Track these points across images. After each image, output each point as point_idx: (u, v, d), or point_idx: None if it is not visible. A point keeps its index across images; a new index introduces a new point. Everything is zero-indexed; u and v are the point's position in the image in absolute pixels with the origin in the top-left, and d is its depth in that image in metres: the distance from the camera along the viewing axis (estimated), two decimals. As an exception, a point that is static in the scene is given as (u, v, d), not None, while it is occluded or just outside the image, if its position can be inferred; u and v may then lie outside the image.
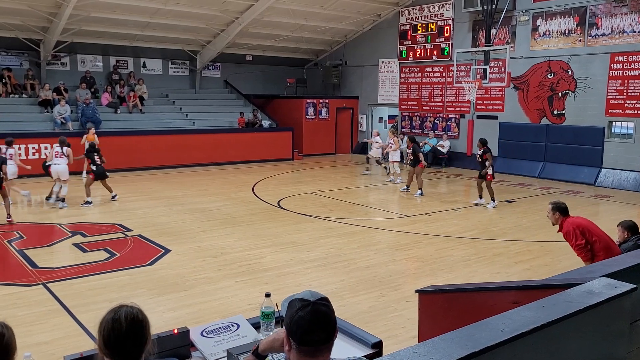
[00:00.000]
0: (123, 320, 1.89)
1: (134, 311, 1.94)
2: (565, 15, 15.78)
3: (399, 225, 10.38)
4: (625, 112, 14.73)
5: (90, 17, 16.94)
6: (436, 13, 19.19)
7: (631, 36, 14.43)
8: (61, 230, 9.50)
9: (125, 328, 1.88)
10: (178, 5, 17.23)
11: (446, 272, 7.50)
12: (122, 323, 1.89)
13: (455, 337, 1.87)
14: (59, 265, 7.59)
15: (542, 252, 8.61)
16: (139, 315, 1.94)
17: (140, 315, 1.95)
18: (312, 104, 21.82)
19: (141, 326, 1.93)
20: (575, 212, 11.49)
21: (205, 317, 5.66)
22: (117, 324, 1.89)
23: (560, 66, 16.00)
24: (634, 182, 14.34)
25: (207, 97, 21.61)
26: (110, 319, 1.90)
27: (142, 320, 1.94)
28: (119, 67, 20.03)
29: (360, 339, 2.64)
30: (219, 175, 16.27)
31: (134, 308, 1.96)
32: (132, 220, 10.18)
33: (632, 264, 3.13)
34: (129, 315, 1.91)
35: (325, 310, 1.77)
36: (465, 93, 17.11)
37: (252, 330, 2.72)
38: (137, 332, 1.91)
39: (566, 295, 2.36)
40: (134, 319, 1.91)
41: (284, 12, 18.78)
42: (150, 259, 7.91)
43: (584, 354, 2.28)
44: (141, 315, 1.95)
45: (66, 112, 16.90)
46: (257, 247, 8.61)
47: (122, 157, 16.58)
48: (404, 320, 5.73)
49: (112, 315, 1.91)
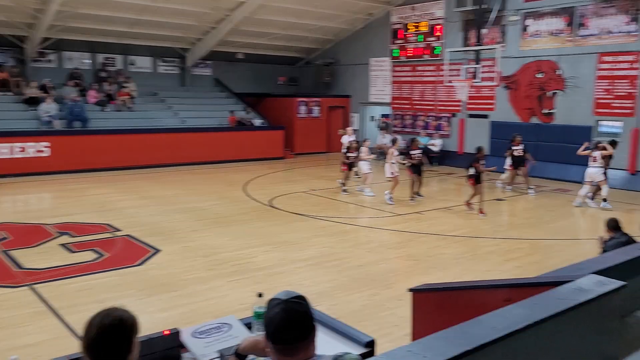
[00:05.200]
0: (98, 325, 1.82)
1: (114, 316, 1.85)
2: (554, 15, 15.88)
3: (391, 224, 10.39)
4: (612, 112, 14.86)
5: (77, 14, 16.75)
6: (427, 12, 19.23)
7: (618, 36, 14.55)
8: (48, 231, 9.40)
9: (101, 333, 1.81)
10: (167, 2, 17.12)
11: (438, 271, 7.52)
12: (101, 327, 1.82)
13: (448, 335, 1.87)
14: (45, 266, 7.49)
15: (532, 250, 8.66)
16: (118, 320, 1.85)
17: (120, 320, 1.85)
18: (303, 102, 21.80)
19: (120, 332, 1.84)
20: (565, 210, 11.63)
21: (197, 318, 5.62)
22: (92, 329, 1.83)
23: (549, 66, 16.10)
24: (621, 181, 14.46)
25: (197, 95, 21.49)
26: (89, 323, 1.84)
27: (121, 325, 1.85)
28: (107, 64, 19.85)
29: (353, 338, 2.64)
30: (209, 174, 16.20)
31: (115, 313, 1.87)
32: (121, 220, 10.10)
33: (621, 261, 3.16)
34: (107, 321, 1.83)
35: (298, 309, 1.78)
36: (456, 92, 17.16)
37: (245, 331, 2.71)
38: (115, 337, 1.83)
39: (557, 292, 2.37)
40: (112, 324, 1.83)
41: (275, 10, 18.74)
42: (140, 259, 7.85)
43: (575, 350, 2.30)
44: (122, 321, 1.86)
45: (53, 110, 16.69)
46: (248, 246, 8.57)
47: (111, 156, 16.46)
48: (396, 318, 5.73)
49: (92, 319, 1.85)
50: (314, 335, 1.82)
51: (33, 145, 15.53)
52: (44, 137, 15.84)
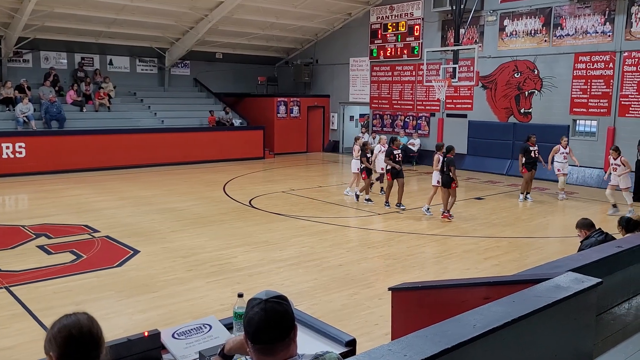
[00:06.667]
0: (68, 336, 1.81)
1: (81, 326, 1.83)
2: (531, 15, 16.10)
3: (370, 223, 10.43)
4: (588, 111, 15.11)
5: (53, 13, 16.51)
6: (406, 12, 19.34)
7: (594, 37, 14.81)
8: (24, 232, 9.24)
9: (73, 344, 1.80)
10: (146, 2, 16.94)
11: (418, 269, 7.57)
12: (71, 338, 1.80)
13: (428, 334, 1.88)
14: (22, 268, 7.37)
15: (510, 248, 8.77)
16: (87, 331, 1.83)
17: (77, 327, 1.83)
18: (283, 102, 21.76)
19: (92, 342, 1.83)
20: (543, 208, 11.80)
21: (177, 319, 5.58)
22: (62, 340, 1.81)
23: (526, 66, 16.32)
24: (597, 179, 14.72)
25: (176, 95, 21.32)
26: (56, 334, 1.82)
27: (91, 336, 1.83)
28: (84, 64, 19.59)
29: (333, 338, 2.64)
30: (189, 175, 16.08)
31: (72, 319, 1.84)
32: (99, 221, 9.98)
33: (597, 259, 3.21)
34: (64, 328, 1.82)
35: (278, 308, 1.77)
36: (435, 92, 17.29)
37: (225, 331, 2.69)
38: (87, 347, 1.82)
39: (535, 290, 2.40)
40: (70, 333, 1.81)
41: (254, 10, 18.67)
42: (118, 261, 7.77)
43: (552, 347, 2.33)
44: (91, 331, 1.84)
45: (29, 110, 16.43)
46: (228, 246, 8.54)
47: (89, 156, 16.27)
48: (376, 317, 5.75)
49: (59, 330, 1.83)
50: (295, 335, 1.81)
51: (9, 145, 15.26)
52: (20, 137, 15.60)
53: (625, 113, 14.35)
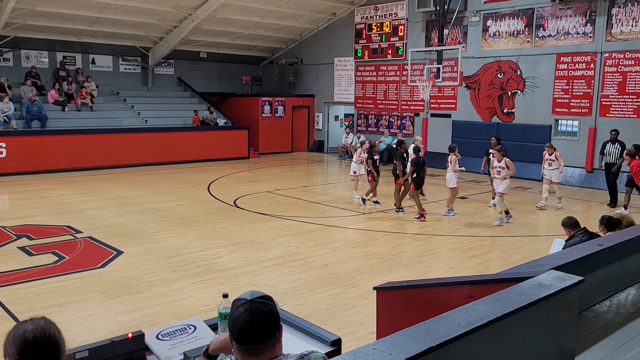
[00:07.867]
0: (31, 342, 1.78)
1: (28, 328, 1.80)
2: (513, 16, 16.25)
3: (355, 223, 10.46)
4: (570, 111, 15.30)
5: (34, 11, 16.29)
6: (390, 12, 19.41)
7: (575, 37, 15.00)
8: (5, 233, 9.11)
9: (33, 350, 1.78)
10: (129, 1, 16.79)
11: (402, 269, 7.60)
12: (33, 344, 1.78)
13: (413, 333, 1.89)
14: (3, 270, 7.26)
15: (493, 247, 8.85)
16: (48, 337, 1.81)
17: (32, 333, 1.80)
18: (267, 102, 21.71)
19: (52, 347, 1.81)
20: (525, 207, 11.91)
21: (161, 320, 5.54)
22: (14, 339, 1.79)
23: (509, 66, 16.47)
24: (579, 178, 14.93)
25: (160, 94, 21.17)
26: (18, 343, 1.79)
27: (52, 341, 1.81)
28: (66, 63, 19.36)
29: (318, 337, 2.64)
30: (173, 175, 15.98)
31: (28, 325, 1.82)
32: (82, 222, 9.87)
33: (579, 257, 3.26)
34: (20, 335, 1.79)
35: (263, 309, 1.76)
36: (419, 92, 17.37)
37: (210, 332, 2.68)
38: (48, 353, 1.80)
39: (519, 288, 2.43)
40: (25, 339, 1.78)
41: (238, 9, 18.60)
42: (101, 262, 7.69)
43: (536, 344, 2.35)
44: (34, 333, 1.80)
45: (9, 109, 16.21)
46: (213, 247, 8.50)
47: (71, 156, 16.10)
48: (361, 317, 5.77)
49: (19, 337, 1.79)
50: (280, 335, 1.81)
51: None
52: (1, 137, 15.37)
53: (606, 113, 14.56)
